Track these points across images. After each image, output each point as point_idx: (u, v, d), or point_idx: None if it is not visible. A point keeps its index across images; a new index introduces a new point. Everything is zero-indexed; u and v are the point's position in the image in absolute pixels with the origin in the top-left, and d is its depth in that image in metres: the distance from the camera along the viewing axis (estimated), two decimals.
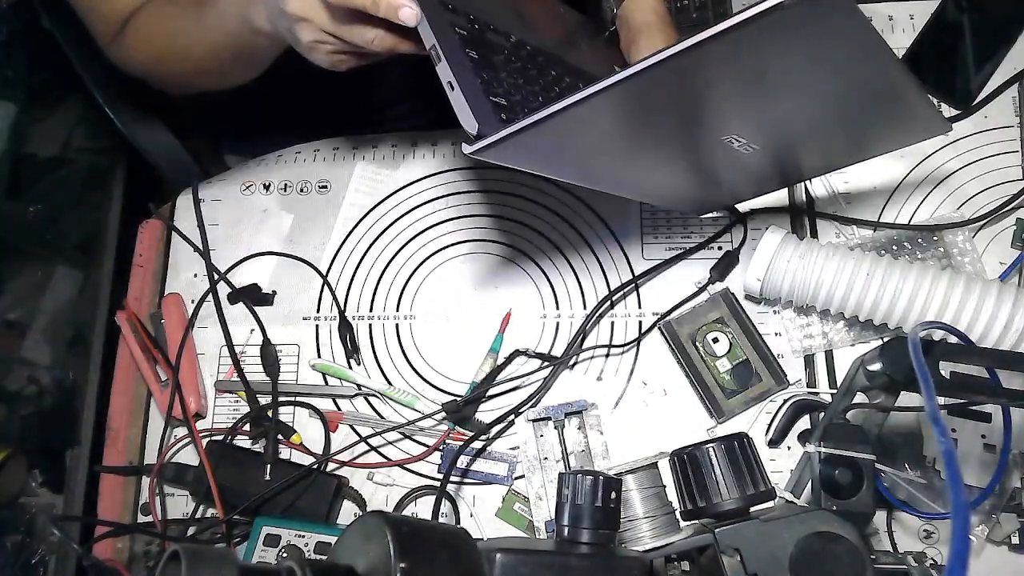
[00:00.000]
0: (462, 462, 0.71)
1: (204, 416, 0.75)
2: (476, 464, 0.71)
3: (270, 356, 0.75)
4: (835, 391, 0.64)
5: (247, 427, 0.72)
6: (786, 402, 0.70)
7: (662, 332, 0.73)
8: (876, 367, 0.54)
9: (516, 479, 0.71)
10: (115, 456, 0.75)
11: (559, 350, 0.74)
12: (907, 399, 0.55)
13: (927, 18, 0.82)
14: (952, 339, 0.52)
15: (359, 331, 0.77)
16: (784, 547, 0.48)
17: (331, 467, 0.72)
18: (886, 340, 0.60)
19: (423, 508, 0.71)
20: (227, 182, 0.83)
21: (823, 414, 0.59)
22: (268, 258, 0.80)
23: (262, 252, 0.80)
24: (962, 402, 0.65)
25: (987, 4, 0.81)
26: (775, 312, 0.74)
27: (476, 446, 0.71)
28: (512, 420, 0.71)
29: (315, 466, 0.69)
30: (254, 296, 0.77)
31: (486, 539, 0.61)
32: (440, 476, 0.70)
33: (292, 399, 0.74)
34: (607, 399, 0.72)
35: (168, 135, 0.91)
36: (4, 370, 0.83)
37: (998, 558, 0.65)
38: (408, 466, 0.72)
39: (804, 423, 0.70)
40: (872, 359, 0.54)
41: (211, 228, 0.81)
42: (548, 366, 0.73)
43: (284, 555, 0.65)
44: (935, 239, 0.74)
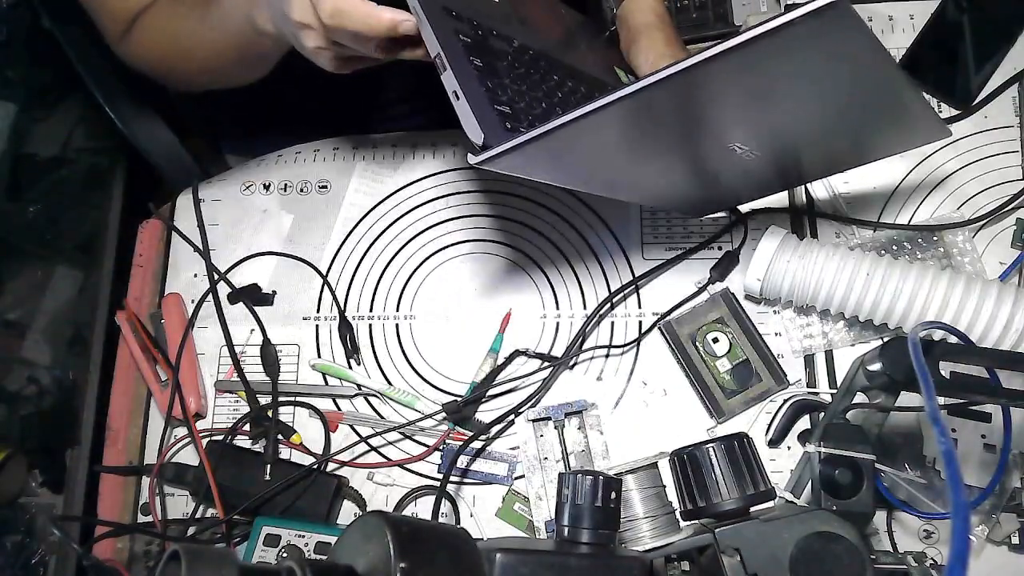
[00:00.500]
0: (462, 462, 0.71)
1: (204, 416, 0.75)
2: (476, 464, 0.71)
3: (270, 356, 0.75)
4: (835, 391, 0.63)
5: (247, 427, 0.72)
6: (786, 402, 0.70)
7: (662, 332, 0.73)
8: (876, 367, 0.54)
9: (516, 479, 0.71)
10: (115, 456, 0.75)
11: (559, 350, 0.74)
12: (907, 399, 0.55)
13: (927, 18, 0.82)
14: (952, 339, 0.52)
15: (359, 331, 0.77)
16: (784, 547, 0.48)
17: (331, 467, 0.72)
18: (886, 340, 0.60)
19: (423, 508, 0.71)
20: (227, 182, 0.83)
21: (823, 414, 0.59)
22: (268, 258, 0.80)
23: (262, 252, 0.80)
24: (962, 402, 0.65)
25: (987, 4, 0.80)
26: (775, 312, 0.74)
27: (476, 446, 0.71)
28: (512, 420, 0.71)
29: (315, 466, 0.69)
30: (254, 296, 0.77)
31: (486, 539, 0.61)
32: (440, 476, 0.70)
33: (292, 399, 0.74)
34: (607, 399, 0.72)
35: (168, 135, 0.91)
36: (4, 370, 0.83)
37: (998, 558, 0.65)
38: (408, 466, 0.72)
39: (804, 423, 0.70)
40: (872, 359, 0.54)
41: (211, 228, 0.81)
42: (548, 366, 0.73)
43: (284, 555, 0.65)
44: (935, 239, 0.74)
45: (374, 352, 0.76)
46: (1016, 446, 0.65)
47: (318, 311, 0.78)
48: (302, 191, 0.82)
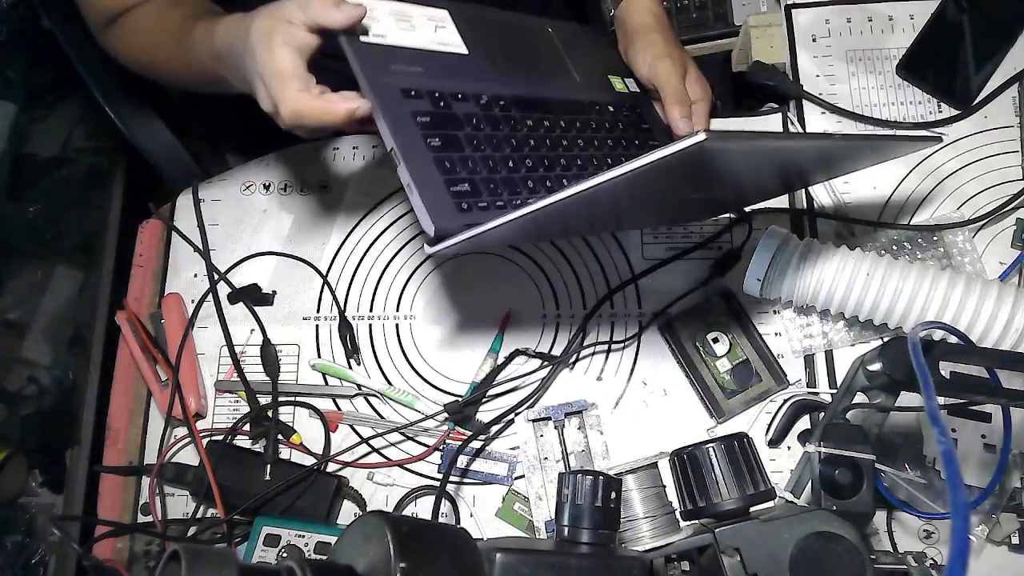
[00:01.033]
0: (462, 462, 0.71)
1: (204, 416, 0.75)
2: (476, 464, 0.71)
3: (270, 356, 0.75)
4: (835, 391, 0.63)
5: (247, 427, 0.72)
6: (786, 402, 0.70)
7: (662, 332, 0.73)
8: (876, 367, 0.54)
9: (516, 479, 0.71)
10: (115, 456, 0.75)
11: (559, 350, 0.74)
12: (907, 399, 0.55)
13: (927, 18, 0.82)
14: (952, 339, 0.52)
15: (359, 331, 0.77)
16: (784, 547, 0.48)
17: (331, 467, 0.72)
18: (886, 340, 0.60)
19: (423, 508, 0.71)
20: (227, 182, 0.83)
21: (823, 414, 0.59)
22: (268, 258, 0.80)
23: (262, 252, 0.80)
24: (962, 402, 0.65)
25: (987, 4, 0.81)
26: (775, 312, 0.74)
27: (476, 446, 0.71)
28: (512, 420, 0.71)
29: (315, 466, 0.69)
30: (254, 296, 0.77)
31: (486, 539, 0.61)
32: (440, 476, 0.70)
33: (292, 399, 0.74)
34: (607, 399, 0.72)
35: (168, 135, 0.91)
36: (4, 370, 0.84)
37: (998, 558, 0.65)
38: (408, 466, 0.72)
39: (804, 423, 0.70)
40: (872, 359, 0.54)
41: (211, 228, 0.81)
42: (548, 366, 0.73)
43: (284, 555, 0.64)
44: (935, 239, 0.74)
45: (374, 352, 0.76)
46: (1016, 446, 0.65)
47: (318, 311, 0.78)
48: (302, 191, 0.82)
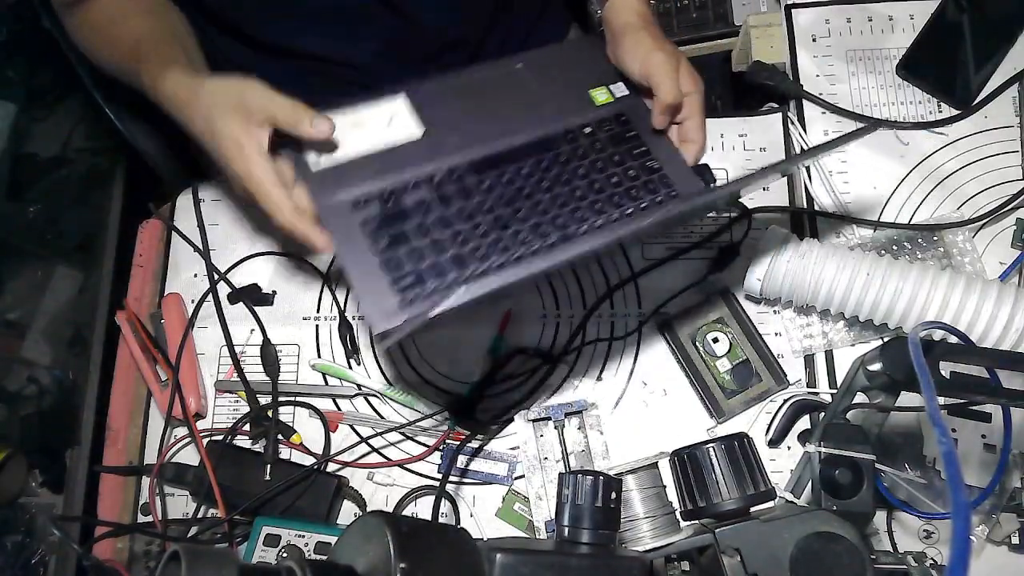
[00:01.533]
0: (462, 462, 0.71)
1: (204, 416, 0.75)
2: (476, 464, 0.71)
3: (270, 356, 0.75)
4: (835, 391, 0.63)
5: (247, 427, 0.72)
6: (786, 402, 0.70)
7: (662, 332, 0.73)
8: (876, 367, 0.54)
9: (516, 479, 0.71)
10: (115, 456, 0.75)
11: (559, 350, 0.74)
12: (907, 399, 0.55)
13: (927, 18, 0.82)
14: (952, 339, 0.52)
15: (359, 331, 0.77)
16: (784, 547, 0.48)
17: (331, 467, 0.72)
18: (886, 340, 0.60)
19: (423, 508, 0.71)
20: (227, 182, 0.83)
21: (823, 414, 0.59)
22: (268, 258, 0.80)
23: (262, 252, 0.80)
24: (962, 402, 0.65)
25: (987, 4, 0.81)
26: (775, 312, 0.74)
27: (476, 446, 0.71)
28: (512, 420, 0.71)
29: (315, 466, 0.69)
30: (254, 296, 0.77)
31: (486, 539, 0.61)
32: (440, 476, 0.70)
33: (292, 399, 0.74)
34: (607, 399, 0.72)
35: (168, 136, 0.91)
36: (4, 370, 0.84)
37: (998, 558, 0.65)
38: (408, 466, 0.72)
39: (804, 423, 0.70)
40: (872, 359, 0.54)
41: (211, 228, 0.81)
42: (548, 365, 0.73)
43: (284, 555, 0.64)
44: (935, 239, 0.74)
45: (374, 352, 0.76)
46: (1016, 446, 0.65)
47: (318, 311, 0.78)
48: None
